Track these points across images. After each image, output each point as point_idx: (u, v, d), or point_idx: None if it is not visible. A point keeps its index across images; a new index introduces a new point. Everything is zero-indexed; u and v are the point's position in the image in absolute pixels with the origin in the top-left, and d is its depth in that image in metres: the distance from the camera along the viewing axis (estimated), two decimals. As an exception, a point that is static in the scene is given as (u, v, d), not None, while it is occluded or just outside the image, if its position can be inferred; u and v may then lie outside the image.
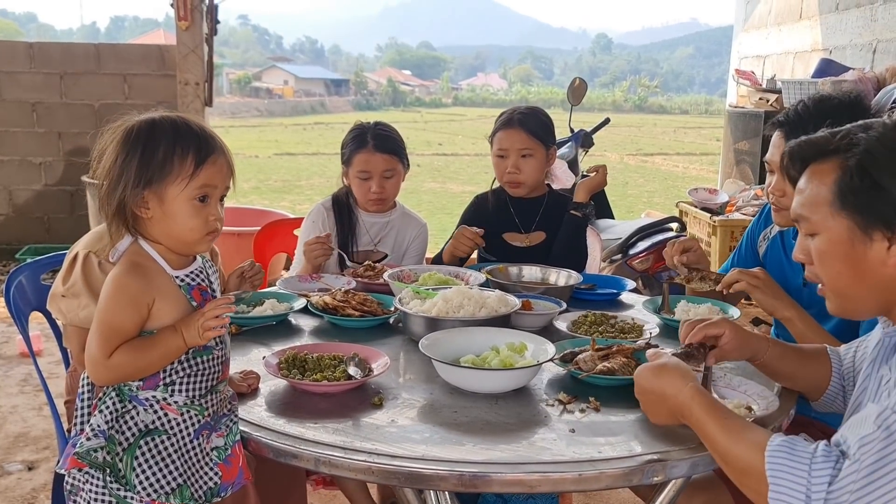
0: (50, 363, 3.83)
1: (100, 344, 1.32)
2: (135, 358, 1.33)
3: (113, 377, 1.34)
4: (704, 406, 1.26)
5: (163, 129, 1.36)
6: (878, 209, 1.20)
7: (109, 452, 1.33)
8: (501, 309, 1.87)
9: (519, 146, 2.59)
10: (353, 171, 2.62)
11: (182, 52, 5.76)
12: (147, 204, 1.36)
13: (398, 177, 2.65)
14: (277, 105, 42.87)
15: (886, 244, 1.20)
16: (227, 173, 1.41)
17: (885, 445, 1.06)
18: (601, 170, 2.70)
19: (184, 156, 1.35)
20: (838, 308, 1.32)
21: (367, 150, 2.58)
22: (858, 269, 1.23)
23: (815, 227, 1.28)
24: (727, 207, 4.92)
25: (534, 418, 1.46)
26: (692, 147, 23.17)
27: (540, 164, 2.63)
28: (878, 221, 1.20)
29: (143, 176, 1.33)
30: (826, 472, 1.08)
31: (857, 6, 5.05)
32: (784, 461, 1.11)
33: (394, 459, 1.28)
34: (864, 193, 1.20)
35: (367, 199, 2.62)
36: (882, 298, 1.25)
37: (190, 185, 1.35)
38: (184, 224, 1.37)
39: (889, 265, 1.21)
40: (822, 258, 1.28)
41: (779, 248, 2.14)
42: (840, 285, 1.28)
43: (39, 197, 6.27)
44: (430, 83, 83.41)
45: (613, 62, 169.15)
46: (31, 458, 3.04)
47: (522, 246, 2.67)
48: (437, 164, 17.45)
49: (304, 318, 2.04)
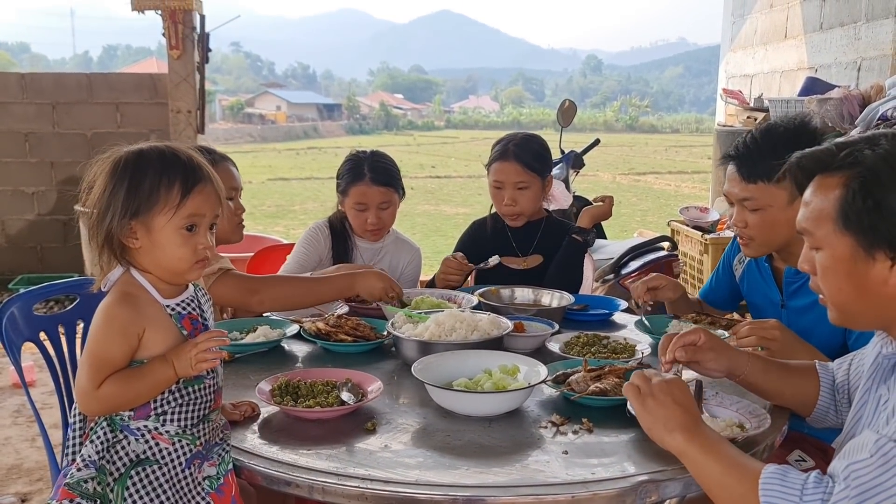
0: (43, 394, 3.81)
1: (89, 375, 1.32)
2: (124, 389, 1.33)
3: (102, 408, 1.34)
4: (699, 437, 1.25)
5: (150, 159, 1.37)
6: (881, 230, 1.18)
7: (100, 483, 1.32)
8: (494, 331, 1.88)
9: (515, 179, 2.61)
10: (349, 201, 2.63)
11: (174, 81, 5.79)
12: (135, 234, 1.36)
13: (394, 207, 2.67)
14: (270, 131, 43.03)
15: (889, 264, 1.18)
16: (215, 202, 1.41)
17: (879, 473, 1.06)
18: (608, 200, 2.72)
19: (170, 185, 1.35)
20: (838, 319, 1.31)
21: (364, 182, 2.59)
22: (860, 286, 1.22)
23: (818, 243, 1.26)
24: (718, 225, 4.94)
25: (527, 440, 1.46)
26: (684, 165, 23.31)
27: (536, 195, 2.65)
28: (881, 242, 1.18)
29: (130, 206, 1.34)
30: (817, 497, 1.09)
31: (840, 25, 5.12)
32: (777, 488, 1.12)
33: (387, 485, 1.27)
34: (868, 214, 1.18)
35: (363, 229, 2.64)
36: (882, 315, 1.25)
37: (177, 214, 1.36)
38: (172, 253, 1.37)
39: (890, 285, 1.19)
40: (825, 273, 1.27)
41: (754, 271, 2.17)
42: (841, 300, 1.27)
43: (32, 227, 6.26)
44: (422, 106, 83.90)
45: (604, 83, 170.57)
46: (25, 490, 3.02)
47: (519, 269, 2.69)
48: (431, 186, 17.51)
49: (297, 344, 2.04)
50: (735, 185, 1.96)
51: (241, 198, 2.45)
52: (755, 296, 2.17)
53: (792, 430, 1.73)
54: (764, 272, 2.12)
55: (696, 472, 1.24)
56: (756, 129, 1.99)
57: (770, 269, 2.11)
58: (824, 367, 1.56)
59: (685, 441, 1.24)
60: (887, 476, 1.06)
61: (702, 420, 1.31)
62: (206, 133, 6.11)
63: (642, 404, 1.31)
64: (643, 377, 1.35)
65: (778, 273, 2.08)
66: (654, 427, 1.30)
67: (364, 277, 2.20)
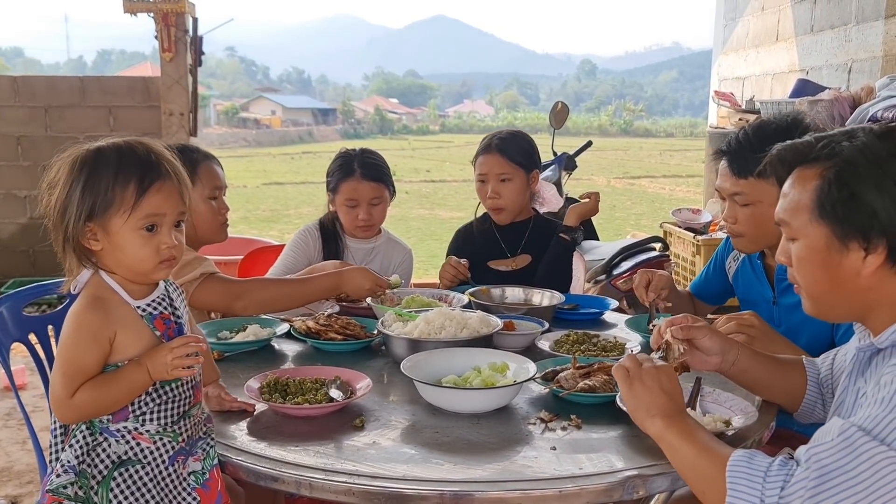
0: (34, 397, 3.79)
1: (63, 383, 1.30)
2: (99, 395, 1.31)
3: (78, 416, 1.32)
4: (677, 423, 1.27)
5: (106, 157, 1.32)
6: (855, 220, 1.20)
7: (82, 487, 1.31)
8: (483, 329, 1.88)
9: (497, 171, 2.62)
10: (340, 198, 2.63)
11: (166, 83, 5.79)
12: (95, 236, 1.32)
13: (385, 203, 2.67)
14: (265, 135, 42.97)
15: (862, 254, 1.20)
16: (176, 200, 1.35)
17: (840, 457, 1.08)
18: (594, 196, 2.72)
19: (125, 185, 1.31)
20: (813, 310, 1.33)
21: (355, 178, 2.60)
22: (833, 277, 1.24)
23: (794, 233, 1.29)
24: (710, 227, 4.96)
25: (515, 437, 1.46)
26: (678, 169, 23.36)
27: (520, 189, 2.65)
28: (855, 232, 1.20)
29: (85, 208, 1.30)
30: (779, 479, 1.11)
31: (831, 28, 5.14)
32: (742, 470, 1.14)
33: (375, 480, 1.27)
34: (842, 204, 1.20)
35: (354, 226, 2.64)
36: (856, 306, 1.27)
37: (133, 215, 1.31)
38: (133, 255, 1.33)
39: (863, 276, 1.21)
40: (800, 263, 1.29)
41: (748, 269, 2.18)
42: (815, 291, 1.29)
43: (24, 230, 6.24)
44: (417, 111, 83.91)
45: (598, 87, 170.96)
46: (14, 493, 3.00)
47: (508, 270, 2.69)
48: (426, 190, 17.51)
49: (287, 343, 2.04)
50: (727, 181, 1.98)
51: (225, 196, 2.41)
52: (748, 293, 2.18)
53: (782, 427, 1.73)
54: (757, 269, 2.13)
55: (671, 455, 1.26)
56: (748, 125, 2.00)
57: (763, 266, 2.12)
58: (811, 363, 1.57)
59: (664, 426, 1.26)
60: (847, 460, 1.07)
61: (684, 410, 1.32)
62: (199, 136, 6.11)
63: (629, 387, 1.33)
64: (634, 360, 1.36)
65: (770, 270, 2.10)
66: (637, 410, 1.31)
67: (350, 276, 2.19)
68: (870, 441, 1.07)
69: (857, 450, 1.07)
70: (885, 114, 3.58)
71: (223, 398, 1.55)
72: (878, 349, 1.27)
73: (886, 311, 1.24)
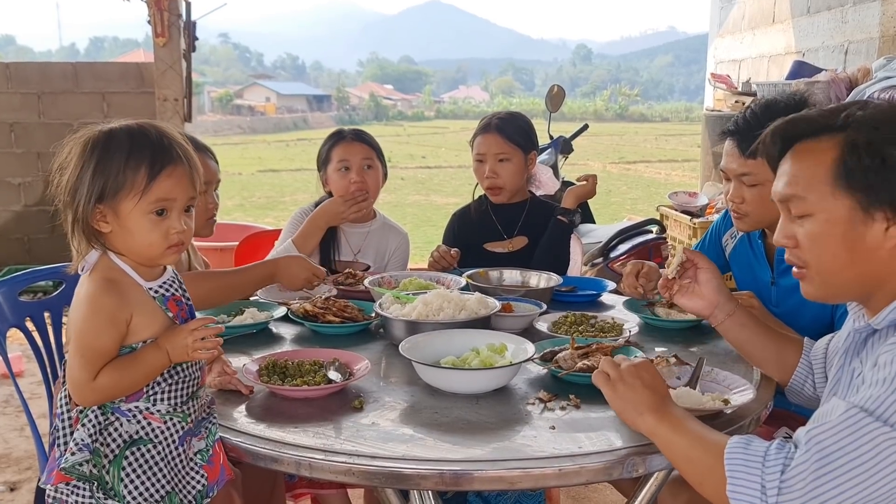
0: (31, 384, 3.79)
1: (83, 366, 1.30)
2: (121, 378, 1.31)
3: (99, 398, 1.32)
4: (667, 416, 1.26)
5: (118, 140, 1.32)
6: (885, 188, 1.17)
7: (96, 465, 1.32)
8: (481, 311, 1.88)
9: (496, 150, 2.61)
10: (332, 166, 2.61)
11: (160, 69, 5.75)
12: (105, 218, 1.32)
13: (377, 172, 2.64)
14: (260, 122, 42.81)
15: (885, 225, 1.18)
16: (187, 184, 1.35)
17: (842, 438, 1.06)
18: (591, 179, 2.70)
19: (136, 169, 1.30)
20: (818, 292, 1.30)
21: (346, 141, 2.62)
22: (853, 251, 1.21)
23: (809, 208, 1.24)
24: (707, 210, 4.96)
25: (514, 417, 1.46)
26: (674, 154, 23.33)
27: (518, 169, 2.64)
28: (882, 201, 1.17)
29: (95, 190, 1.29)
30: (779, 463, 1.09)
31: (827, 9, 5.13)
32: (740, 457, 1.12)
33: (374, 460, 1.27)
34: (873, 172, 1.17)
35: (348, 191, 2.58)
36: (867, 284, 1.24)
37: (143, 199, 1.31)
38: (142, 239, 1.33)
39: (884, 249, 1.19)
40: (815, 240, 1.25)
41: (746, 247, 2.17)
42: (830, 268, 1.25)
43: (19, 218, 6.22)
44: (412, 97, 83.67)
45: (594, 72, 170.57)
46: (13, 479, 3.01)
47: (504, 252, 2.68)
48: (421, 176, 17.48)
49: (285, 327, 2.03)
50: (733, 161, 1.96)
51: (217, 191, 2.38)
52: (745, 272, 2.17)
53: (779, 407, 1.74)
54: (756, 249, 2.12)
55: (665, 450, 1.25)
56: (756, 104, 1.98)
57: (763, 246, 2.11)
58: (810, 342, 1.57)
59: (655, 422, 1.26)
60: (848, 441, 1.06)
61: (670, 399, 1.32)
62: (194, 122, 6.07)
63: (613, 390, 1.32)
64: (611, 364, 1.36)
65: (770, 250, 2.08)
66: (625, 411, 1.31)
67: (286, 265, 2.14)
68: (872, 422, 1.06)
69: (859, 431, 1.06)
70: (882, 94, 3.58)
71: (225, 371, 1.55)
72: (874, 330, 1.26)
73: (889, 289, 1.22)
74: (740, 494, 1.10)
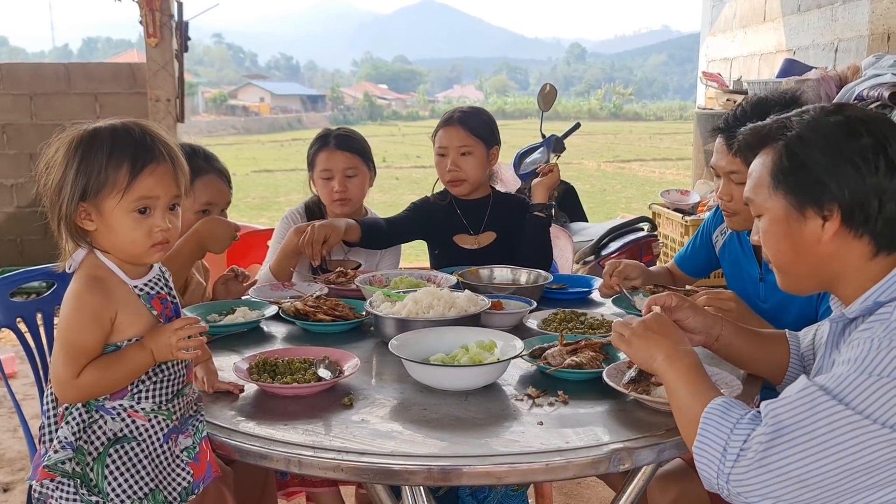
0: (24, 385, 3.79)
1: (66, 363, 1.30)
2: (104, 376, 1.32)
3: (82, 396, 1.33)
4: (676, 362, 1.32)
5: (101, 138, 1.33)
6: (807, 189, 1.25)
7: (79, 463, 1.32)
8: (471, 308, 1.89)
9: (458, 143, 2.59)
10: (316, 173, 2.63)
11: (152, 69, 5.74)
12: (89, 216, 1.33)
13: (362, 177, 2.65)
14: (254, 122, 42.75)
15: (820, 222, 1.25)
16: (170, 182, 1.35)
17: (798, 412, 1.11)
18: (552, 167, 2.69)
19: (118, 167, 1.31)
20: (784, 284, 1.37)
21: (328, 148, 2.62)
22: (796, 246, 1.29)
23: (758, 209, 1.34)
24: (699, 207, 4.98)
25: (503, 413, 1.47)
26: (668, 152, 23.40)
27: (480, 162, 2.62)
28: (808, 200, 1.25)
29: (79, 188, 1.30)
30: (745, 432, 1.14)
31: (817, 7, 5.15)
32: (716, 417, 1.18)
33: (363, 456, 1.28)
34: (793, 174, 1.26)
35: (331, 199, 2.62)
36: (822, 275, 1.30)
37: (125, 197, 1.32)
38: (125, 237, 1.34)
39: (823, 242, 1.26)
40: (766, 237, 1.34)
41: (735, 244, 2.18)
42: (782, 262, 1.34)
43: (11, 219, 6.21)
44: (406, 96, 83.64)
45: (588, 71, 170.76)
46: (6, 480, 3.01)
47: (473, 248, 2.67)
48: (416, 176, 17.48)
49: (276, 325, 2.04)
50: (722, 158, 1.97)
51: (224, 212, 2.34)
52: (734, 268, 2.19)
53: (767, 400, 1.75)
54: (745, 246, 2.13)
55: (669, 394, 1.31)
56: (746, 101, 1.98)
57: (751, 243, 2.12)
58: (794, 336, 1.59)
59: (665, 367, 1.32)
60: (803, 416, 1.10)
61: (683, 345, 1.36)
62: (187, 123, 6.07)
63: (629, 346, 1.40)
64: (624, 324, 1.43)
65: (758, 247, 2.10)
66: (644, 362, 1.38)
67: (208, 230, 2.10)
68: (829, 400, 1.10)
69: (816, 408, 1.10)
70: (871, 92, 3.59)
71: (212, 381, 1.56)
72: (849, 319, 1.31)
73: (852, 277, 1.27)
74: (704, 453, 1.17)
